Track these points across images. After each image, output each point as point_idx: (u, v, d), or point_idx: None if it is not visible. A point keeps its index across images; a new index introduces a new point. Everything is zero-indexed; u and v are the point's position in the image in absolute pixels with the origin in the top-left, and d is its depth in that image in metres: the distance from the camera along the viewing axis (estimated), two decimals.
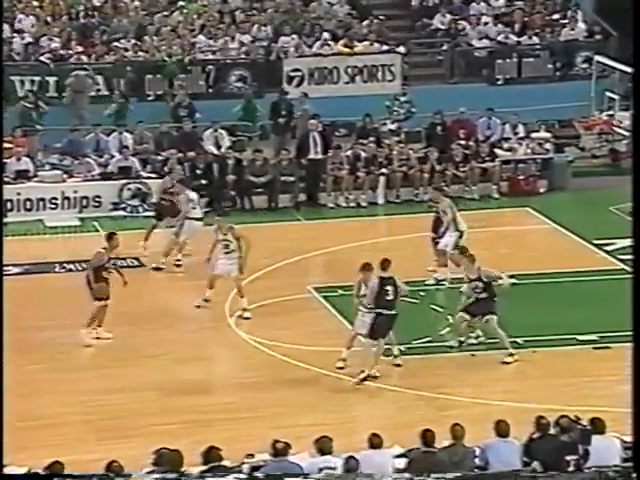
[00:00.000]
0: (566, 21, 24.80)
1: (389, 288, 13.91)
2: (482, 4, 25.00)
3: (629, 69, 22.72)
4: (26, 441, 11.80)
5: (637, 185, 10.66)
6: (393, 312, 13.93)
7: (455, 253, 15.50)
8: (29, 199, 20.19)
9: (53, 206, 20.33)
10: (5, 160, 20.23)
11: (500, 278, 14.59)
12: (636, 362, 9.73)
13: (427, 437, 10.00)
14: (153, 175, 21.00)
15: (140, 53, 23.22)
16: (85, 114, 21.73)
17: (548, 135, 22.55)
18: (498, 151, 22.17)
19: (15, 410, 11.32)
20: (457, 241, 16.39)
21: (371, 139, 21.60)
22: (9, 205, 19.90)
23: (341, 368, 14.06)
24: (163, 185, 18.65)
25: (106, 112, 21.80)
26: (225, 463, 9.77)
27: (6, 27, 22.83)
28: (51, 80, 22.30)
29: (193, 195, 18.07)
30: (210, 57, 23.37)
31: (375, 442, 10.15)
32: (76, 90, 21.85)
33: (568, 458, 9.95)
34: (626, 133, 22.76)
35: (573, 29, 24.60)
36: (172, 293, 16.62)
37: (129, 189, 20.66)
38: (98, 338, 14.88)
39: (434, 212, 17.21)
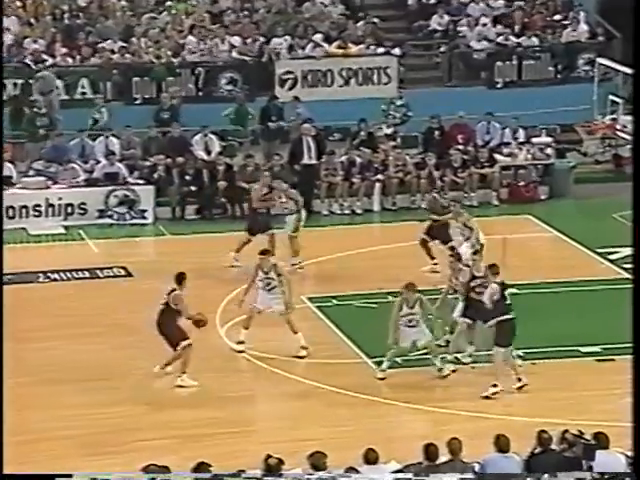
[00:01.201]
0: (568, 22, 24.89)
1: (506, 293, 14.23)
2: (481, 5, 25.08)
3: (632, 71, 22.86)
4: (10, 457, 11.79)
5: (637, 192, 10.70)
6: (513, 315, 14.14)
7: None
8: (12, 206, 20.19)
9: (37, 214, 20.34)
10: None
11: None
12: (636, 373, 9.76)
13: (430, 452, 10.03)
14: (140, 181, 21.05)
15: (127, 55, 23.25)
16: (56, 117, 21.69)
17: (549, 140, 22.62)
18: (498, 156, 22.24)
19: None
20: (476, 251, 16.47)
21: (362, 140, 21.60)
22: None
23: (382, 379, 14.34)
24: (257, 193, 18.16)
25: (94, 118, 21.78)
26: None
27: None
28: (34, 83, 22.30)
29: (293, 191, 18.10)
30: (200, 59, 23.43)
31: (371, 457, 10.17)
32: (43, 92, 21.83)
33: (573, 473, 9.97)
34: (630, 138, 22.84)
35: (575, 30, 24.69)
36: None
37: (116, 196, 20.68)
38: (181, 386, 14.25)
39: (431, 219, 17.36)
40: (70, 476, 9.03)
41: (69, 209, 20.56)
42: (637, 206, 10.94)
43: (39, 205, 20.35)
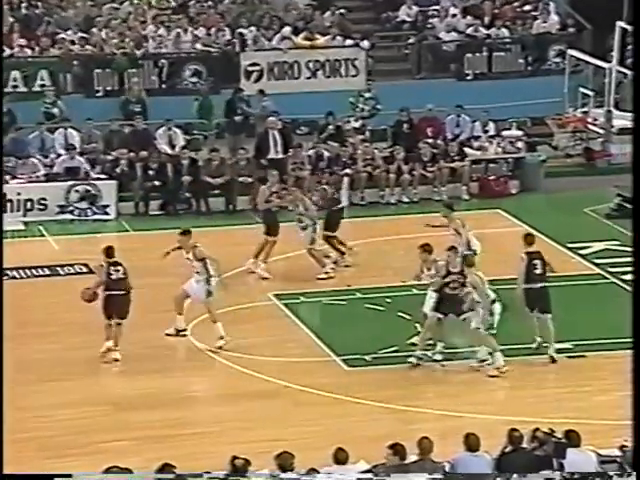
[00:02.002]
0: (538, 13, 25.03)
1: (537, 262, 14.72)
2: None
3: (604, 63, 23.01)
4: None
5: (638, 191, 10.76)
6: (542, 284, 14.71)
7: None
8: None
9: None
10: None
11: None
12: (636, 370, 9.84)
13: (396, 451, 10.06)
14: (102, 176, 20.94)
15: (88, 46, 23.11)
16: None
17: (520, 133, 22.72)
18: (467, 150, 22.32)
19: None
20: None
21: (330, 133, 21.64)
22: None
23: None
24: (264, 194, 17.87)
25: (51, 113, 21.64)
26: None
27: None
28: None
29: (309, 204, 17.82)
30: (163, 50, 23.33)
31: (340, 457, 10.20)
32: None
33: (542, 473, 10.04)
34: (601, 131, 23.00)
35: (545, 22, 24.83)
36: None
37: (77, 191, 20.57)
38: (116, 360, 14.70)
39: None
40: (69, 476, 9.07)
41: (28, 204, 20.41)
42: (637, 206, 11.00)
43: (2, 204, 20.15)
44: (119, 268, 14.86)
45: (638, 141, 12.45)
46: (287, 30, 23.63)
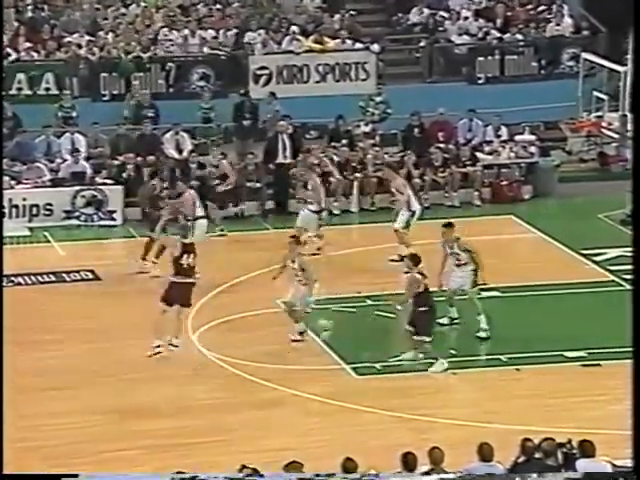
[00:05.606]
0: (552, 16, 25.01)
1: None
2: None
3: (618, 67, 22.98)
4: None
5: (638, 191, 10.74)
6: None
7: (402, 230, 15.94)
8: None
9: None
10: None
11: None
12: (636, 376, 9.79)
13: (408, 460, 10.05)
14: (109, 181, 20.98)
15: (94, 49, 23.17)
16: None
17: (533, 138, 22.72)
18: (479, 155, 22.32)
19: None
20: (409, 220, 17.43)
21: (344, 142, 21.75)
22: None
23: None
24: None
25: (70, 116, 21.75)
26: None
27: None
28: None
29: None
30: (170, 54, 23.38)
31: (349, 467, 10.17)
32: None
33: (561, 474, 10.02)
34: (615, 135, 22.97)
35: (559, 24, 24.81)
36: (130, 309, 16.58)
37: (83, 196, 20.61)
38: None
39: None
40: (76, 476, 9.08)
41: (34, 210, 20.46)
42: (637, 206, 10.97)
43: (2, 206, 20.21)
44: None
45: (638, 142, 12.42)
46: (295, 31, 23.61)
